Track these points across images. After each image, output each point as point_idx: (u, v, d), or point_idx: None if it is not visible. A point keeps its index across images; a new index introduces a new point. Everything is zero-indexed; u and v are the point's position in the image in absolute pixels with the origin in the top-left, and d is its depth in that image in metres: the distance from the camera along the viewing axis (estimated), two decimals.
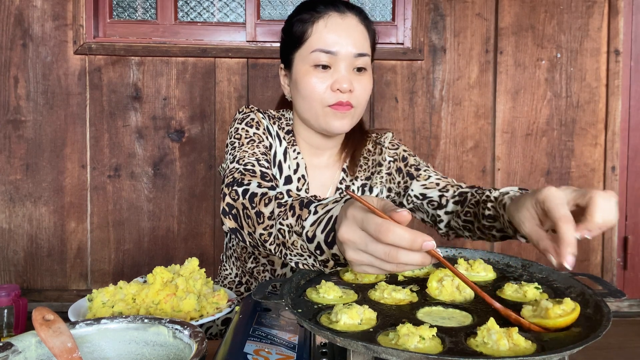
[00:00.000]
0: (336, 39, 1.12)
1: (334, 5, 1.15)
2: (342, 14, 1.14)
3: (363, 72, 1.15)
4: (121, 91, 2.19)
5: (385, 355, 0.57)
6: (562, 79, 2.25)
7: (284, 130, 1.25)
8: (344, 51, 1.12)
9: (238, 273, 1.32)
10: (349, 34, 1.13)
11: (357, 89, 1.14)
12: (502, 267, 0.91)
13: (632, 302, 2.29)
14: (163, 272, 1.02)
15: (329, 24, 1.13)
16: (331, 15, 1.13)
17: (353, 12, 1.16)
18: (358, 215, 0.64)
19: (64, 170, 2.19)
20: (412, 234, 0.61)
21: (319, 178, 1.27)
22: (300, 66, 1.15)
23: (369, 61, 1.16)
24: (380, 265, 0.63)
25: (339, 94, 1.12)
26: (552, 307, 0.65)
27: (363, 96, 1.17)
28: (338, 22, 1.13)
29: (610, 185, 2.25)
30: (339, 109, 1.13)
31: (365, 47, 1.15)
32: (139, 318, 0.70)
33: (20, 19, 2.15)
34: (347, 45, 1.12)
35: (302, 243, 0.75)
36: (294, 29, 1.17)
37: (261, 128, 1.18)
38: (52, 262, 2.22)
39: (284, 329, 0.82)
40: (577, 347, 0.57)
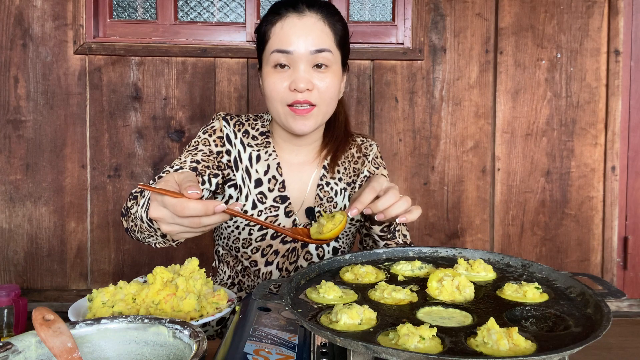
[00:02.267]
0: (292, 38, 1.14)
1: (293, 7, 1.16)
2: (300, 14, 1.16)
3: (325, 68, 1.15)
4: (121, 91, 2.19)
5: (385, 355, 0.57)
6: (562, 79, 2.25)
7: (257, 131, 1.28)
8: (300, 49, 1.14)
9: (231, 274, 1.35)
10: (305, 32, 1.14)
11: (318, 86, 1.15)
12: (502, 267, 0.91)
13: (632, 302, 2.30)
14: (163, 272, 1.02)
15: (286, 24, 1.15)
16: (289, 16, 1.16)
17: (313, 10, 1.16)
18: (158, 198, 0.80)
19: (64, 170, 2.19)
20: (204, 205, 0.77)
21: (297, 175, 1.29)
22: (265, 67, 1.19)
23: (331, 57, 1.16)
24: (193, 231, 0.83)
25: (297, 93, 1.14)
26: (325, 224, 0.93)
27: (326, 94, 1.16)
28: (295, 22, 1.15)
29: (610, 185, 2.25)
30: (298, 110, 1.15)
31: (325, 43, 1.15)
32: (139, 318, 0.70)
33: (20, 19, 2.15)
34: (304, 42, 1.14)
35: (145, 225, 0.94)
36: (260, 31, 1.21)
37: (214, 135, 1.24)
38: (52, 262, 2.22)
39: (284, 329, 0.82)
40: (577, 347, 0.57)
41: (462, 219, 2.28)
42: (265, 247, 1.25)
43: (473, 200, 2.27)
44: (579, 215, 2.28)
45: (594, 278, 0.80)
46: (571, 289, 0.78)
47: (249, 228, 1.24)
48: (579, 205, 2.28)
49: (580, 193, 2.28)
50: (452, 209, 2.27)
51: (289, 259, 1.26)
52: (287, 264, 1.26)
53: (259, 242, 1.24)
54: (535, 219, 2.28)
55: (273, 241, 1.25)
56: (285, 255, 1.25)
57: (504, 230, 2.28)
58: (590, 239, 2.29)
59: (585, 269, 2.27)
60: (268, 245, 1.24)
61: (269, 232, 1.24)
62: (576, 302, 0.74)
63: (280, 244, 1.25)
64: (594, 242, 2.29)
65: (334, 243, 1.28)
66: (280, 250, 1.25)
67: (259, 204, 1.24)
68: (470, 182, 2.26)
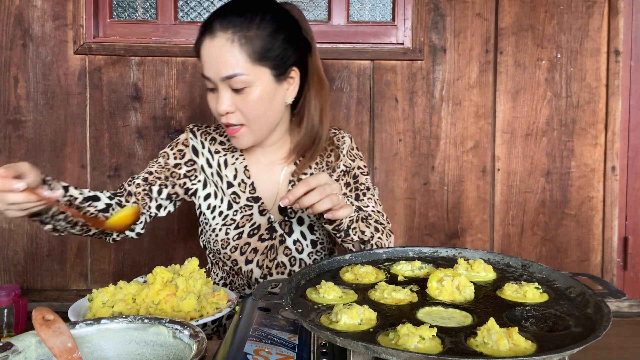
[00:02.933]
0: (207, 64, 1.15)
1: (208, 29, 1.15)
2: (212, 36, 1.14)
3: (245, 89, 1.13)
4: (121, 91, 2.19)
5: (385, 355, 0.57)
6: (562, 79, 2.25)
7: (225, 137, 1.32)
8: (214, 76, 1.14)
9: (223, 276, 1.38)
10: (215, 58, 1.13)
11: (241, 108, 1.15)
12: (502, 267, 0.91)
13: (632, 302, 2.30)
14: (163, 272, 1.02)
15: (203, 50, 1.16)
16: (205, 39, 1.15)
17: (225, 29, 1.13)
18: None
19: (64, 170, 2.19)
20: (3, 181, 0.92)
21: (268, 174, 1.31)
22: None
23: (245, 79, 1.13)
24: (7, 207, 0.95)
25: (221, 116, 1.17)
26: None
27: (251, 114, 1.16)
28: (208, 47, 1.14)
29: (610, 185, 2.25)
30: (228, 130, 1.19)
31: (235, 67, 1.12)
32: (139, 318, 0.70)
33: (20, 19, 2.15)
34: (215, 69, 1.13)
35: None
36: None
37: (175, 148, 1.31)
38: (52, 262, 2.22)
39: (284, 329, 0.82)
40: (577, 347, 0.57)
41: (462, 219, 2.28)
42: (243, 246, 1.27)
43: (473, 200, 2.27)
44: (579, 215, 2.28)
45: (594, 278, 0.80)
46: (571, 289, 0.78)
47: (225, 228, 1.27)
48: (579, 205, 2.28)
49: (580, 193, 2.28)
50: (452, 209, 2.27)
51: (269, 256, 1.27)
52: (267, 261, 1.27)
53: (236, 240, 1.27)
54: (535, 219, 2.28)
55: (250, 239, 1.27)
56: (264, 253, 1.27)
57: (504, 230, 2.28)
58: (590, 239, 2.29)
59: (585, 269, 2.27)
60: (245, 243, 1.27)
61: (245, 230, 1.27)
62: (576, 302, 0.74)
63: (259, 242, 1.27)
64: (594, 242, 2.29)
65: (311, 236, 1.29)
66: (259, 248, 1.27)
67: (234, 204, 1.28)
68: (470, 182, 2.27)
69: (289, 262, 1.28)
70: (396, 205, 2.25)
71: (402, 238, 2.27)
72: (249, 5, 1.16)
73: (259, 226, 1.27)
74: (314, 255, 1.30)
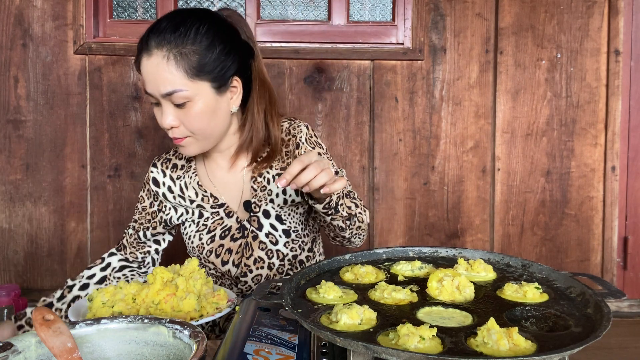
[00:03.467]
0: (147, 81, 1.16)
1: (144, 47, 1.16)
2: (148, 54, 1.14)
3: (186, 104, 1.14)
4: (121, 91, 2.19)
5: (385, 355, 0.57)
6: (562, 79, 2.25)
7: (182, 159, 1.38)
8: (155, 93, 1.15)
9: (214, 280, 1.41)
10: (154, 75, 1.14)
11: (184, 121, 1.17)
12: (502, 267, 0.91)
13: (632, 302, 2.29)
14: (163, 272, 1.02)
15: (142, 67, 1.16)
16: (143, 57, 1.16)
17: (160, 45, 1.13)
18: None
19: (64, 170, 2.19)
20: None
21: (229, 177, 1.35)
22: None
23: (186, 94, 1.13)
24: None
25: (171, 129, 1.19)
26: None
27: (194, 125, 1.17)
28: (145, 65, 1.15)
29: (610, 185, 2.25)
30: (175, 141, 1.22)
31: (173, 84, 1.12)
32: (139, 318, 0.70)
33: (20, 19, 2.15)
34: (155, 86, 1.14)
35: None
36: None
37: (145, 190, 1.42)
38: (52, 262, 2.22)
39: (284, 329, 0.82)
40: (577, 347, 0.57)
41: (462, 219, 2.28)
42: (217, 248, 1.31)
43: (473, 200, 2.27)
44: (579, 215, 2.28)
45: (594, 278, 0.80)
46: (571, 289, 0.78)
47: (199, 234, 1.33)
48: (579, 205, 2.28)
49: (580, 193, 2.28)
50: (452, 209, 2.27)
51: (244, 254, 1.29)
52: (244, 259, 1.28)
53: (210, 244, 1.32)
54: (535, 219, 2.28)
55: (222, 241, 1.31)
56: (238, 252, 1.29)
57: (504, 230, 2.28)
58: (590, 239, 2.29)
59: (585, 269, 2.27)
60: (219, 245, 1.31)
61: (217, 233, 1.32)
62: (576, 302, 0.74)
63: (231, 242, 1.31)
64: (594, 242, 2.29)
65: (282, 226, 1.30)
66: (233, 247, 1.30)
67: (204, 212, 1.34)
68: (470, 182, 2.27)
69: (267, 256, 1.29)
70: (396, 205, 2.25)
71: (402, 238, 2.27)
72: (184, 20, 1.15)
73: (229, 227, 1.32)
74: (290, 244, 1.31)
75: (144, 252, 1.45)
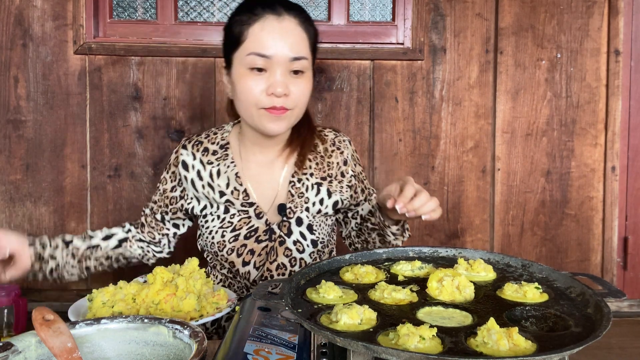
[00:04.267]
0: (272, 42, 1.12)
1: (271, 8, 1.14)
2: (279, 17, 1.13)
3: (300, 74, 1.16)
4: (121, 91, 2.19)
5: (385, 355, 0.57)
6: (562, 79, 2.25)
7: (218, 145, 1.31)
8: (280, 55, 1.12)
9: (222, 278, 1.38)
10: (285, 37, 1.12)
11: (294, 92, 1.15)
12: (502, 267, 0.91)
13: (632, 302, 2.29)
14: (163, 272, 1.02)
15: (265, 26, 1.12)
16: (268, 17, 1.13)
17: (291, 14, 1.14)
18: None
19: (64, 170, 2.19)
20: None
21: (268, 174, 1.30)
22: (238, 68, 1.16)
23: (306, 64, 1.16)
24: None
25: (274, 98, 1.13)
26: None
27: (300, 99, 1.17)
28: (274, 25, 1.12)
29: (610, 185, 2.25)
30: (273, 111, 1.15)
31: (302, 50, 1.15)
32: (139, 318, 0.70)
33: (20, 19, 2.15)
34: (283, 48, 1.12)
35: None
36: (232, 30, 1.17)
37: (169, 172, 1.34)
38: None
39: (284, 329, 0.82)
40: (577, 347, 0.57)
41: (462, 219, 2.28)
42: (240, 247, 1.26)
43: (473, 200, 2.27)
44: (579, 215, 2.28)
45: (594, 278, 0.80)
46: (571, 289, 0.78)
47: (222, 230, 1.27)
48: (579, 205, 2.28)
49: (580, 193, 2.28)
50: (452, 209, 2.27)
51: (269, 258, 1.26)
52: (268, 263, 1.26)
53: (232, 243, 1.27)
54: (535, 219, 2.28)
55: (247, 241, 1.26)
56: (260, 254, 1.26)
57: (504, 230, 2.28)
58: (590, 239, 2.29)
59: (585, 269, 2.27)
60: (242, 245, 1.26)
61: (242, 232, 1.27)
62: (576, 302, 0.74)
63: (255, 243, 1.27)
64: (594, 242, 2.29)
65: (311, 235, 1.29)
66: (256, 249, 1.26)
67: (230, 209, 1.28)
68: (470, 182, 2.27)
69: (289, 263, 1.27)
70: None
71: None
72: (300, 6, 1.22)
73: (256, 229, 1.27)
74: (314, 254, 1.30)
75: (162, 233, 1.39)
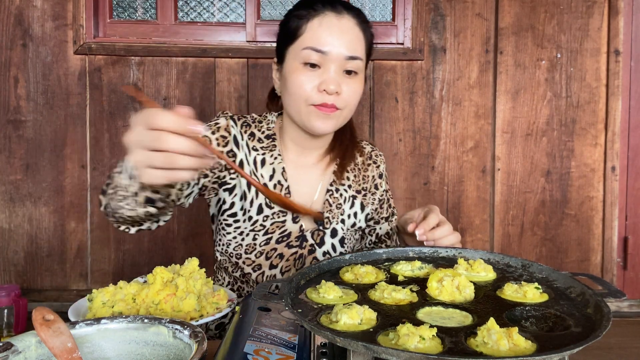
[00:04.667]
0: (329, 38, 1.10)
1: (331, 5, 1.13)
2: (339, 14, 1.12)
3: (353, 75, 1.14)
4: (121, 91, 2.19)
5: (385, 355, 0.57)
6: (562, 79, 2.25)
7: (263, 134, 1.24)
8: (336, 52, 1.10)
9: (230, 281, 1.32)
10: (342, 35, 1.11)
11: (345, 91, 1.13)
12: (502, 267, 0.91)
13: (632, 302, 2.30)
14: (163, 272, 1.02)
15: (324, 22, 1.11)
16: (327, 14, 1.12)
17: (351, 13, 1.14)
18: (140, 116, 0.70)
19: (64, 170, 2.19)
20: (178, 118, 0.67)
21: (306, 177, 1.26)
22: (291, 62, 1.14)
23: (361, 65, 1.14)
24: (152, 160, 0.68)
25: (325, 95, 1.11)
26: None
27: (351, 99, 1.15)
28: (333, 22, 1.12)
29: (610, 185, 2.25)
30: (323, 109, 1.12)
31: (358, 50, 1.13)
32: (139, 318, 0.70)
33: (20, 19, 2.15)
34: (340, 46, 1.11)
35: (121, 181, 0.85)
36: (289, 24, 1.16)
37: (217, 133, 1.18)
38: (52, 262, 2.22)
39: (284, 329, 0.82)
40: (577, 347, 0.57)
41: (462, 219, 2.28)
42: (270, 251, 1.22)
43: (473, 200, 2.27)
44: (579, 215, 2.28)
45: (594, 278, 0.80)
46: (571, 289, 0.78)
47: (254, 233, 1.21)
48: (579, 205, 2.28)
49: (580, 193, 2.28)
50: (452, 209, 2.27)
51: (296, 265, 1.23)
52: (294, 269, 1.22)
53: (263, 246, 1.21)
54: (535, 219, 2.28)
55: (278, 245, 1.22)
56: (289, 260, 1.23)
57: (504, 230, 2.28)
58: (590, 239, 2.29)
59: (585, 269, 2.27)
60: (272, 248, 1.22)
61: (274, 237, 1.21)
62: (576, 302, 0.74)
63: (285, 247, 1.22)
64: (594, 242, 2.29)
65: (340, 248, 1.26)
66: (285, 254, 1.22)
67: (265, 209, 1.21)
68: (470, 182, 2.26)
69: None
70: (396, 205, 2.25)
71: None
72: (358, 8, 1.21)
73: (289, 234, 1.22)
74: None
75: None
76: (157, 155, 0.68)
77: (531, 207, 2.28)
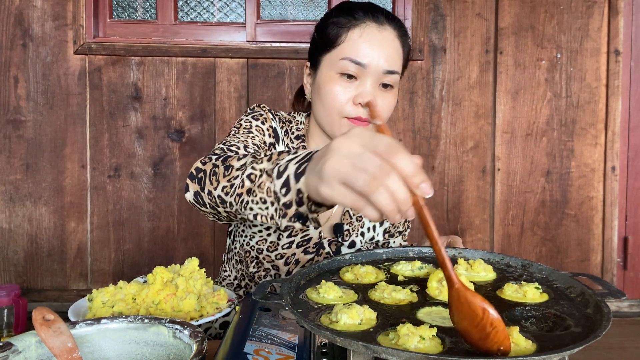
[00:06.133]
0: (368, 50, 1.07)
1: (373, 15, 1.10)
2: (380, 26, 1.09)
3: (389, 89, 1.11)
4: (121, 91, 2.19)
5: (385, 355, 0.57)
6: (562, 79, 2.25)
7: (293, 134, 1.21)
8: (374, 65, 1.07)
9: (237, 276, 1.30)
10: (382, 48, 1.08)
11: (380, 105, 1.10)
12: (502, 267, 0.91)
13: (632, 302, 2.30)
14: (163, 272, 1.02)
15: (365, 34, 1.08)
16: (369, 25, 1.08)
17: (392, 25, 1.11)
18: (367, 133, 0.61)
19: (64, 170, 2.19)
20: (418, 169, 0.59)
21: None
22: (327, 70, 1.11)
23: (397, 79, 1.11)
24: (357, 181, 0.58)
25: (360, 108, 1.08)
26: None
27: (385, 113, 1.12)
28: (374, 34, 1.08)
29: (610, 185, 2.25)
30: (356, 122, 1.09)
31: (396, 64, 1.10)
32: (139, 318, 0.70)
33: (20, 19, 2.15)
34: (379, 59, 1.07)
35: (270, 184, 0.73)
36: (327, 31, 1.12)
37: (266, 124, 1.15)
38: (52, 262, 2.22)
39: (284, 329, 0.82)
40: (577, 347, 0.57)
41: (462, 219, 2.28)
42: (290, 256, 1.20)
43: (473, 200, 2.27)
44: (579, 215, 2.28)
45: (594, 278, 0.80)
46: (571, 289, 0.78)
47: (278, 233, 1.19)
48: (579, 205, 2.28)
49: (580, 193, 2.28)
50: (452, 209, 2.27)
51: None
52: None
53: (285, 249, 1.20)
54: (535, 219, 2.28)
55: (297, 249, 1.20)
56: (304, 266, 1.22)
57: (504, 230, 2.28)
58: (590, 239, 2.29)
59: (585, 269, 2.27)
60: (292, 253, 1.20)
61: (296, 240, 1.19)
62: (576, 302, 0.74)
63: (302, 253, 1.20)
64: (594, 242, 2.29)
65: None
66: (301, 260, 1.21)
67: None
68: (470, 182, 2.26)
69: None
70: None
71: None
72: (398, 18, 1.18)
73: (309, 239, 1.20)
74: None
75: None
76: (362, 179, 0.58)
77: (531, 207, 2.28)
